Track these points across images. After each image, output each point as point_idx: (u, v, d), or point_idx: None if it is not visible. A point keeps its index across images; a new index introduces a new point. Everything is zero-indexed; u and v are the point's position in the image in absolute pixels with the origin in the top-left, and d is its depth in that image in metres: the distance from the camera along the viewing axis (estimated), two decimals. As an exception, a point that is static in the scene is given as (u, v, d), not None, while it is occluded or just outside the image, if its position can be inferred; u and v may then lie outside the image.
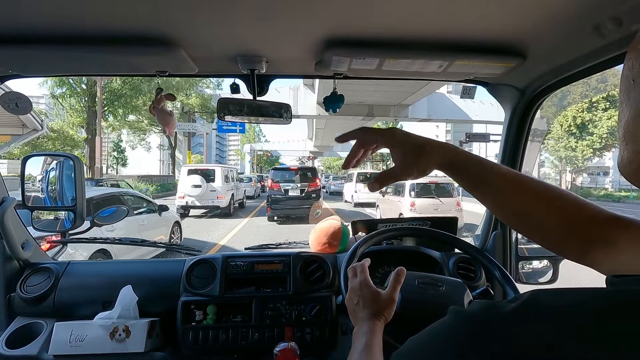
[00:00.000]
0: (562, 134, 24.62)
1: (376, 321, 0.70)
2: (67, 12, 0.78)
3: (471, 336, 0.31)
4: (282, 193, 11.00)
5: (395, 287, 0.76)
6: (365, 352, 0.62)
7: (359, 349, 0.63)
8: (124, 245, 2.26)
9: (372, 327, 0.68)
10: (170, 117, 1.22)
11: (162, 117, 1.20)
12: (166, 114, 1.20)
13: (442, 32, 0.86)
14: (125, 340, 1.09)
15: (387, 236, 1.18)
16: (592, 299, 0.30)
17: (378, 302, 0.73)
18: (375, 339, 0.65)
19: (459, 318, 0.33)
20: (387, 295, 0.74)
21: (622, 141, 0.38)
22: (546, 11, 0.75)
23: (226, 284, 1.23)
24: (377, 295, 0.74)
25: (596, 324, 0.28)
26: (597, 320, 0.28)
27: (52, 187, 1.40)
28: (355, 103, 15.84)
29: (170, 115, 1.22)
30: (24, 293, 1.18)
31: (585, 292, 0.30)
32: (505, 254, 1.37)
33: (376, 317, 0.71)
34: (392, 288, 0.75)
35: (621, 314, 0.28)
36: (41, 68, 1.11)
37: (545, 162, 31.74)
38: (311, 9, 0.76)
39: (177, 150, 24.55)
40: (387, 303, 0.73)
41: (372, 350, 0.63)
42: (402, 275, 0.77)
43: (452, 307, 0.35)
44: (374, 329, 0.68)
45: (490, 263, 1.05)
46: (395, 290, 0.75)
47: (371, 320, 0.70)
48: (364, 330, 0.67)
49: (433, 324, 0.35)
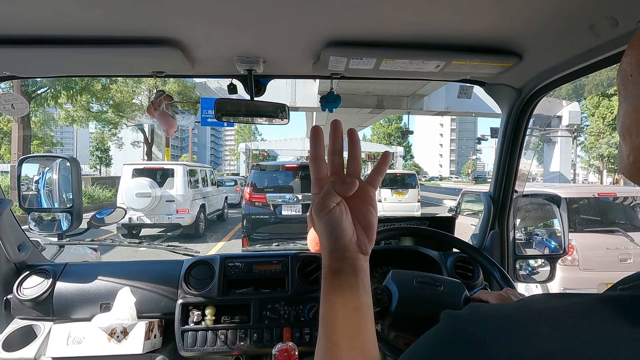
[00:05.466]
0: (605, 128, 21.32)
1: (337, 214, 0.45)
2: (63, 13, 0.77)
3: (463, 342, 0.30)
4: (270, 212, 6.41)
5: (379, 170, 0.50)
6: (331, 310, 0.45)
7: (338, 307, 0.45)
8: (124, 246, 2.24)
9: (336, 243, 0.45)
10: (172, 119, 1.22)
11: (162, 118, 1.20)
12: (167, 115, 1.20)
13: (438, 33, 0.87)
14: (123, 342, 1.09)
15: (385, 236, 1.18)
16: (583, 301, 0.30)
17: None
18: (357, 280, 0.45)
19: (451, 323, 0.33)
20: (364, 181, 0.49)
21: (620, 136, 0.38)
22: (542, 11, 0.76)
23: (224, 284, 1.23)
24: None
25: (582, 324, 0.28)
26: (584, 320, 0.28)
27: (48, 188, 1.40)
28: (362, 93, 13.48)
29: (171, 116, 1.22)
30: (21, 295, 1.18)
31: (580, 296, 0.31)
32: (502, 253, 1.38)
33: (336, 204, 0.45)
34: (373, 172, 0.50)
35: (606, 315, 0.28)
36: (36, 69, 1.10)
37: (579, 160, 26.59)
38: (308, 9, 0.76)
39: (156, 147, 20.72)
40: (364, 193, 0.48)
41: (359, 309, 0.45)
42: (388, 158, 0.51)
43: (444, 312, 0.34)
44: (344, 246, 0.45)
45: (488, 262, 1.05)
46: (376, 174, 0.50)
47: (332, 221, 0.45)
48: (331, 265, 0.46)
49: (427, 332, 0.34)
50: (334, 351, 0.44)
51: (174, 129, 1.25)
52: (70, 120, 17.01)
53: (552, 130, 21.67)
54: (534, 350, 0.27)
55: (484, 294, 0.87)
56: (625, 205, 4.35)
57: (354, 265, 0.46)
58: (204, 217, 9.22)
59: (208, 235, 8.91)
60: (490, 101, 1.31)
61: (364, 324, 0.45)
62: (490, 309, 0.32)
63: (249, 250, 1.56)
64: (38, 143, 17.07)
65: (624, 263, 3.71)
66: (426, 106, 16.22)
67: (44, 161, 1.47)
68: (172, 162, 11.35)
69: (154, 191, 7.93)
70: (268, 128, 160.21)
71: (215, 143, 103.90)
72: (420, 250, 1.33)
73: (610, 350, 0.26)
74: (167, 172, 8.61)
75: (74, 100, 15.30)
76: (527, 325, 0.29)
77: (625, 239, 3.80)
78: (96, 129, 24.82)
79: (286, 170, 6.99)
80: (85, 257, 2.99)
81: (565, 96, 1.40)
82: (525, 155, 1.32)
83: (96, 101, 17.24)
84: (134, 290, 1.17)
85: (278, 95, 1.68)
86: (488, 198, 1.39)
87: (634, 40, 0.36)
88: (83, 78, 13.14)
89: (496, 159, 1.36)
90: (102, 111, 18.29)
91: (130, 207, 7.62)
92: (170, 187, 8.31)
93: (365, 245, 0.47)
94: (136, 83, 16.99)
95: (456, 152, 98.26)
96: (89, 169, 39.86)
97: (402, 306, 0.85)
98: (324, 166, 0.48)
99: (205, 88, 17.82)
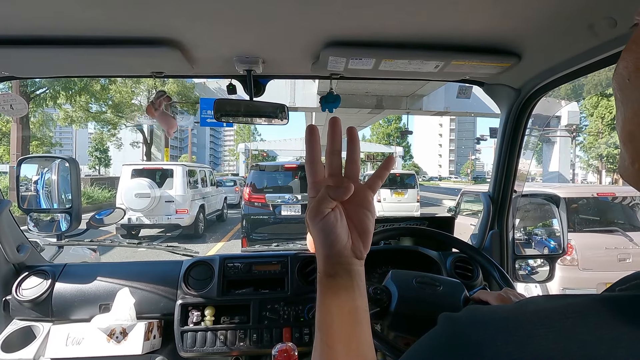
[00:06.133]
0: (604, 128, 21.12)
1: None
2: (62, 14, 0.77)
3: (460, 344, 0.30)
4: (270, 212, 6.44)
5: (380, 174, 0.49)
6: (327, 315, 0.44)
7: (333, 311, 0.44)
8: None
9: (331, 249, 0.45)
10: (171, 119, 1.23)
11: (162, 118, 1.20)
12: (166, 115, 1.21)
13: (438, 33, 0.87)
14: (122, 343, 1.09)
15: (385, 236, 1.18)
16: (581, 302, 0.30)
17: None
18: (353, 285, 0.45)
19: (448, 326, 0.33)
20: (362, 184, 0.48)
21: (621, 143, 0.37)
22: (541, 11, 0.76)
23: (224, 285, 1.23)
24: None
25: (579, 325, 0.28)
26: (581, 321, 0.28)
27: (47, 189, 1.40)
28: (361, 93, 13.47)
29: (171, 117, 1.23)
30: (20, 296, 1.18)
31: (577, 297, 0.31)
32: (502, 253, 1.38)
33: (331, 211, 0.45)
34: (373, 176, 0.49)
35: (604, 315, 0.28)
36: (35, 69, 1.10)
37: (577, 160, 27.04)
38: (308, 9, 0.76)
39: (156, 148, 20.39)
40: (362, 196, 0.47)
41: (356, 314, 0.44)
42: (391, 162, 0.50)
43: (442, 315, 0.34)
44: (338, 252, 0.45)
45: (487, 262, 1.05)
46: (377, 178, 0.49)
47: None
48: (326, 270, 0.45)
49: (425, 334, 0.34)
50: (330, 355, 0.43)
51: (174, 129, 1.25)
52: (69, 120, 16.83)
53: (551, 130, 21.69)
54: (531, 352, 0.27)
55: (484, 294, 0.87)
56: (624, 205, 4.36)
57: (349, 270, 0.45)
58: (204, 217, 9.17)
59: (207, 235, 8.89)
60: (489, 101, 1.32)
61: (360, 327, 0.45)
62: (488, 311, 0.32)
63: (249, 250, 1.56)
64: (37, 143, 16.94)
65: (622, 263, 3.72)
66: (425, 106, 16.19)
67: (43, 162, 1.47)
68: (172, 163, 11.20)
69: (153, 192, 7.89)
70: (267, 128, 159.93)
71: (214, 143, 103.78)
72: (420, 251, 1.33)
73: (608, 351, 0.26)
74: (167, 173, 8.56)
75: (73, 101, 15.20)
76: (524, 327, 0.29)
77: (624, 239, 3.80)
78: (95, 129, 24.48)
79: (285, 170, 6.99)
80: (85, 257, 2.99)
81: (564, 96, 1.40)
82: (525, 155, 1.32)
83: (95, 101, 17.05)
84: (133, 291, 1.17)
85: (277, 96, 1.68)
86: (487, 198, 1.40)
87: (631, 43, 0.36)
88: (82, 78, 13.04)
89: (495, 159, 1.37)
90: (101, 111, 18.05)
91: (130, 208, 7.57)
92: (169, 187, 8.28)
93: (360, 250, 0.47)
94: (135, 83, 16.89)
95: (455, 152, 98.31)
96: (88, 169, 39.77)
97: (401, 306, 0.85)
98: (321, 169, 0.47)
99: (204, 88, 17.73)
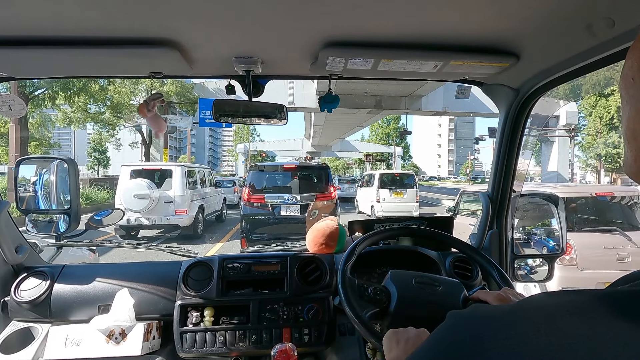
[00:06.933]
0: (602, 128, 21.34)
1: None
2: (61, 14, 0.77)
3: (464, 338, 0.31)
4: (269, 212, 6.41)
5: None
6: None
7: None
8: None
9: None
10: (162, 121, 1.24)
11: (154, 120, 1.21)
12: (158, 117, 1.22)
13: (436, 33, 0.87)
14: (121, 344, 1.09)
15: (384, 236, 1.18)
16: (581, 299, 0.30)
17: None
18: None
19: (453, 321, 0.34)
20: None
21: (625, 141, 0.38)
22: (539, 11, 0.76)
23: (223, 285, 1.23)
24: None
25: (580, 321, 0.28)
26: (582, 317, 0.28)
27: (46, 190, 1.39)
28: (360, 93, 13.50)
29: (162, 119, 1.25)
30: (18, 297, 1.17)
31: (578, 293, 0.31)
32: (501, 253, 1.38)
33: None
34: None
35: (604, 312, 0.28)
36: (34, 70, 1.10)
37: (576, 160, 27.09)
38: (306, 10, 0.76)
39: (154, 148, 19.99)
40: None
41: None
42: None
43: (450, 312, 0.35)
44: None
45: (486, 262, 1.05)
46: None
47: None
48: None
49: (434, 331, 0.36)
50: None
51: (163, 131, 1.26)
52: (67, 121, 16.67)
53: (550, 130, 21.74)
54: (532, 346, 0.27)
55: (483, 294, 0.87)
56: (622, 205, 4.36)
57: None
58: (203, 218, 9.17)
59: (206, 236, 8.89)
60: (488, 101, 1.32)
61: None
62: (491, 307, 0.33)
63: (248, 251, 1.55)
64: (35, 144, 16.87)
65: (621, 262, 3.72)
66: (424, 106, 16.17)
67: (42, 162, 1.46)
68: (171, 163, 11.04)
69: (152, 192, 7.85)
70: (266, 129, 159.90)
71: (213, 144, 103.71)
72: (419, 251, 1.33)
73: (608, 347, 0.26)
74: (166, 173, 8.53)
75: (72, 102, 15.05)
76: (525, 323, 0.29)
77: (623, 238, 3.81)
78: (94, 130, 24.38)
79: (285, 170, 7.00)
80: (83, 258, 2.98)
81: (562, 96, 1.40)
82: (523, 155, 1.32)
83: (94, 102, 16.91)
84: (132, 292, 1.17)
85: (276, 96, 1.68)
86: (486, 198, 1.40)
87: (636, 42, 0.36)
88: (81, 79, 12.86)
89: (494, 159, 1.37)
90: (100, 112, 17.87)
91: (129, 209, 7.51)
92: (168, 188, 8.23)
93: None
94: (134, 84, 16.83)
95: (454, 152, 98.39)
96: (87, 170, 39.71)
97: (401, 306, 0.85)
98: None
99: (203, 89, 17.69)
